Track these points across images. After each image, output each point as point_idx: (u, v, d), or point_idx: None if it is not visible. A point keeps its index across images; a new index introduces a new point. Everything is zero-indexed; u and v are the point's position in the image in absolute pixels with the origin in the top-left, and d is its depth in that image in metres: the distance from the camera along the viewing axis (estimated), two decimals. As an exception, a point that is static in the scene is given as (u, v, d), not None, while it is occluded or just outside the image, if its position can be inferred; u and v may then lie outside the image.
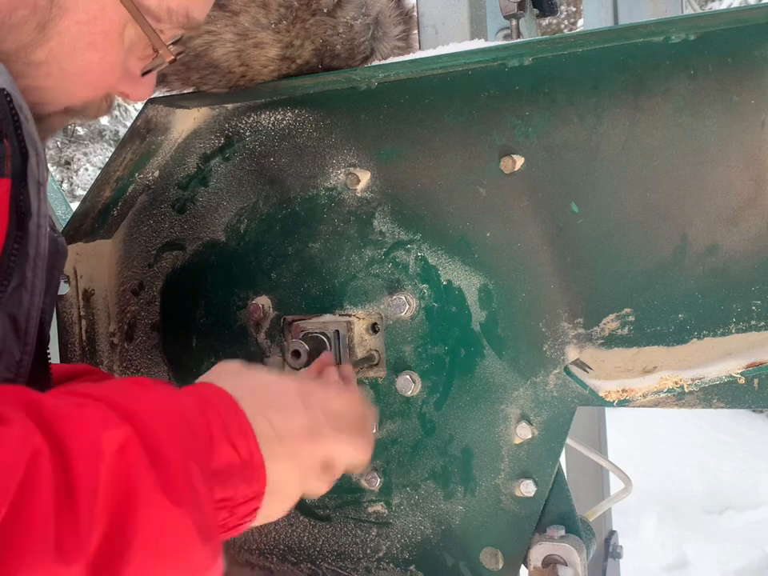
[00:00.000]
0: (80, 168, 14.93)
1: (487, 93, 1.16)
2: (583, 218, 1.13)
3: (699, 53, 1.03)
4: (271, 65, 1.22)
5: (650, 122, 1.08)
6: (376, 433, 1.29)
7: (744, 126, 1.03)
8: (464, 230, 1.20)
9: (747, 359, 1.05)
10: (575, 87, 1.11)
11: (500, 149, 1.16)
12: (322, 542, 1.37)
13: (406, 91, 1.21)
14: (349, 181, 1.26)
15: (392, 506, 1.31)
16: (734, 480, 5.81)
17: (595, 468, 2.59)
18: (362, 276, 1.28)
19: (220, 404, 0.84)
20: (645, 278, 1.11)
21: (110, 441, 0.69)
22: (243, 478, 0.81)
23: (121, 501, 0.68)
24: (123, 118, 14.54)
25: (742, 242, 1.05)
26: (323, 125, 1.28)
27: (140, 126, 1.31)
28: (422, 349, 1.25)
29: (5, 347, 0.85)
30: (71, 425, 0.69)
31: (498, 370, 1.20)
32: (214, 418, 0.82)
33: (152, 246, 1.44)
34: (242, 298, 1.37)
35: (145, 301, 1.45)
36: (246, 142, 1.34)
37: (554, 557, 1.19)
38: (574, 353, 1.15)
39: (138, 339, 1.46)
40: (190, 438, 0.78)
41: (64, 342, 1.46)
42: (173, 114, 1.34)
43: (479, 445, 1.23)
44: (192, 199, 1.40)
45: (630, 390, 1.11)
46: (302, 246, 1.32)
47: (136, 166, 1.37)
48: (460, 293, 1.22)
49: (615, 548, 2.63)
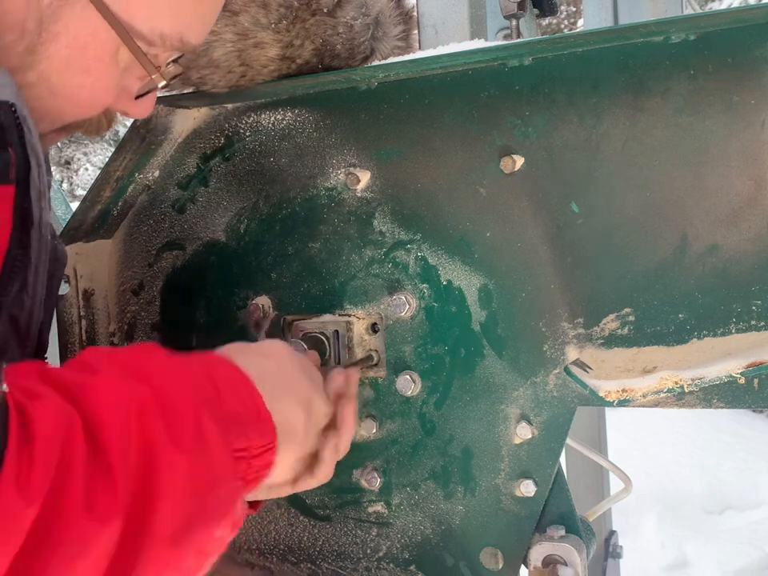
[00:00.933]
0: (80, 168, 14.93)
1: (487, 93, 1.16)
2: (583, 217, 1.13)
3: (699, 53, 1.03)
4: (271, 65, 1.22)
5: (650, 122, 1.08)
6: (377, 432, 1.29)
7: (744, 126, 1.03)
8: (464, 230, 1.20)
9: (747, 359, 1.05)
10: (575, 87, 1.10)
11: (500, 149, 1.16)
12: (322, 542, 1.37)
13: (406, 91, 1.20)
14: (349, 181, 1.26)
15: (392, 505, 1.31)
16: (734, 480, 5.81)
17: (595, 468, 2.59)
18: (362, 276, 1.28)
19: (223, 366, 0.89)
20: (645, 278, 1.11)
21: (130, 405, 0.74)
22: (256, 429, 0.85)
23: (144, 459, 0.72)
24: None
25: (742, 242, 1.05)
26: (323, 125, 1.28)
27: (140, 126, 1.31)
28: (422, 349, 1.25)
29: (6, 347, 0.86)
30: (94, 394, 0.73)
31: (497, 370, 1.20)
32: (220, 373, 0.87)
33: (152, 246, 1.44)
34: (241, 297, 1.37)
35: (145, 301, 1.45)
36: (246, 141, 1.34)
37: (553, 557, 1.19)
38: (574, 353, 1.15)
39: (138, 339, 1.46)
40: (201, 390, 0.82)
41: (64, 342, 1.46)
42: (173, 114, 1.34)
43: (479, 445, 1.23)
44: (192, 199, 1.40)
45: (630, 390, 1.11)
46: (301, 246, 1.32)
47: (136, 166, 1.37)
48: (460, 293, 1.22)
49: (615, 548, 2.64)
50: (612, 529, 2.69)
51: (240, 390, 0.87)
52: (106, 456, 0.69)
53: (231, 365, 0.89)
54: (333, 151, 1.28)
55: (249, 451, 0.84)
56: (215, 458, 0.79)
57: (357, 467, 1.31)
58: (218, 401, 0.83)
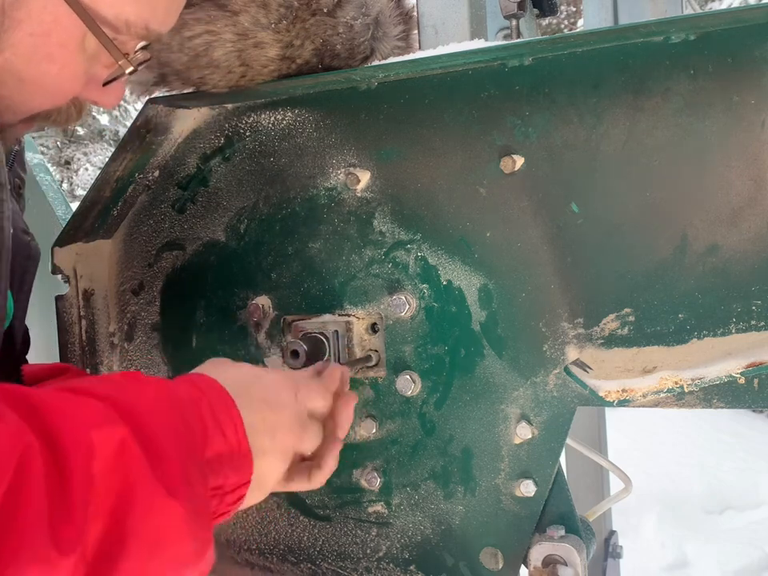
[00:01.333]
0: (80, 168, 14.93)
1: (487, 93, 1.16)
2: (583, 218, 1.13)
3: (699, 53, 1.03)
4: (271, 65, 1.22)
5: (650, 122, 1.08)
6: (377, 432, 1.29)
7: (744, 126, 1.03)
8: (464, 230, 1.20)
9: (747, 359, 1.05)
10: (575, 87, 1.11)
11: (500, 149, 1.16)
12: (322, 542, 1.37)
13: (406, 91, 1.20)
14: (349, 181, 1.26)
15: (392, 505, 1.31)
16: (734, 480, 5.81)
17: (595, 468, 2.59)
18: (362, 276, 1.28)
19: (211, 393, 0.86)
20: (645, 278, 1.11)
21: (105, 438, 0.70)
22: (233, 467, 0.83)
23: (119, 497, 0.69)
24: (123, 118, 14.55)
25: (742, 242, 1.05)
26: (323, 125, 1.28)
27: (140, 125, 1.31)
28: (422, 349, 1.25)
29: None
30: (65, 421, 0.69)
31: (497, 369, 1.20)
32: (206, 407, 0.83)
33: (152, 246, 1.44)
34: (241, 297, 1.37)
35: (145, 301, 1.45)
36: (246, 141, 1.34)
37: (553, 557, 1.19)
38: (574, 353, 1.15)
39: (138, 339, 1.46)
40: (185, 431, 0.79)
41: (64, 342, 1.46)
42: (173, 114, 1.34)
43: (479, 445, 1.23)
44: (192, 199, 1.40)
45: (630, 390, 1.11)
46: (301, 246, 1.32)
47: (136, 166, 1.37)
48: (460, 293, 1.22)
49: (615, 548, 2.63)
50: (612, 529, 2.69)
51: (225, 421, 0.84)
52: (67, 487, 0.66)
53: (221, 391, 0.86)
54: (333, 151, 1.28)
55: (223, 489, 0.82)
56: (194, 499, 0.76)
57: (357, 467, 1.31)
58: (204, 439, 0.80)
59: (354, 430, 1.31)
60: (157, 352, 1.45)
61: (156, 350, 1.45)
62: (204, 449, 0.80)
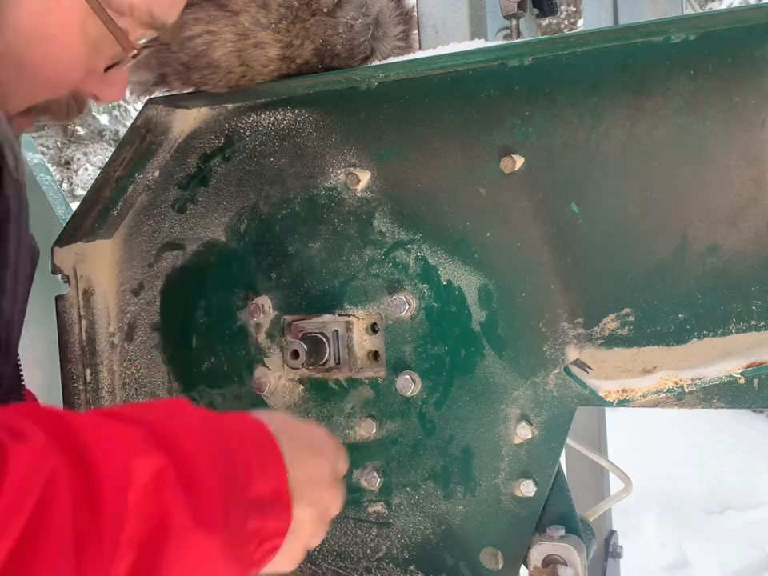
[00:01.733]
0: (80, 168, 14.92)
1: (487, 93, 1.16)
2: (583, 218, 1.13)
3: (699, 53, 1.03)
4: (271, 65, 1.22)
5: (650, 122, 1.08)
6: (377, 432, 1.29)
7: (744, 125, 1.03)
8: (464, 230, 1.20)
9: (747, 359, 1.05)
10: (575, 87, 1.10)
11: (500, 149, 1.16)
12: (322, 542, 1.37)
13: (406, 91, 1.20)
14: (349, 181, 1.26)
15: (392, 505, 1.31)
16: (734, 480, 5.81)
17: (595, 468, 2.59)
18: (362, 276, 1.28)
19: (260, 434, 0.83)
20: (645, 278, 1.11)
21: (142, 467, 0.66)
22: (274, 510, 0.79)
23: (153, 529, 0.65)
24: (123, 118, 14.55)
25: (742, 242, 1.05)
26: (323, 125, 1.28)
27: (140, 125, 1.31)
28: (422, 349, 1.25)
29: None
30: (101, 447, 0.65)
31: (497, 370, 1.20)
32: (253, 446, 0.80)
33: (152, 246, 1.44)
34: (241, 297, 1.37)
35: (145, 301, 1.45)
36: (245, 141, 1.34)
37: (553, 557, 1.19)
38: (574, 353, 1.15)
39: (138, 339, 1.46)
40: (228, 466, 0.75)
41: (64, 342, 1.46)
42: (173, 114, 1.34)
43: (479, 445, 1.23)
44: (192, 199, 1.40)
45: (630, 390, 1.11)
46: (301, 246, 1.32)
47: (136, 166, 1.37)
48: (460, 293, 1.22)
49: (615, 548, 2.63)
50: (612, 529, 2.69)
51: (270, 464, 0.80)
52: (98, 515, 0.61)
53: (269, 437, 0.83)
54: (333, 151, 1.28)
55: (262, 532, 0.78)
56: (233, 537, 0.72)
57: (357, 467, 1.31)
58: (248, 479, 0.76)
59: (354, 430, 1.31)
60: (157, 352, 1.45)
61: (156, 350, 1.45)
62: (247, 488, 0.76)
